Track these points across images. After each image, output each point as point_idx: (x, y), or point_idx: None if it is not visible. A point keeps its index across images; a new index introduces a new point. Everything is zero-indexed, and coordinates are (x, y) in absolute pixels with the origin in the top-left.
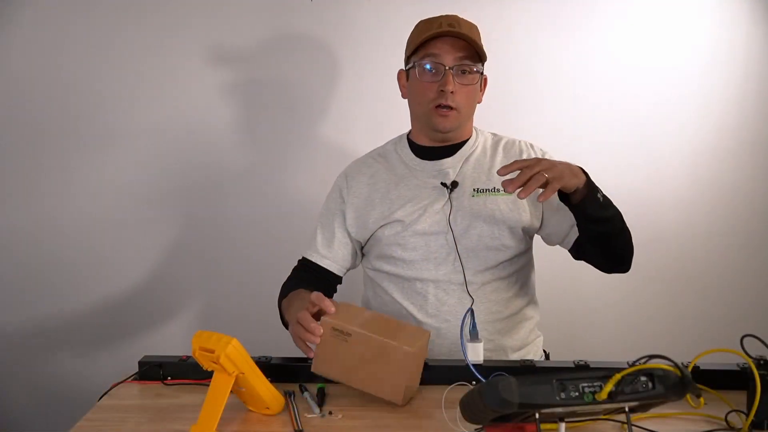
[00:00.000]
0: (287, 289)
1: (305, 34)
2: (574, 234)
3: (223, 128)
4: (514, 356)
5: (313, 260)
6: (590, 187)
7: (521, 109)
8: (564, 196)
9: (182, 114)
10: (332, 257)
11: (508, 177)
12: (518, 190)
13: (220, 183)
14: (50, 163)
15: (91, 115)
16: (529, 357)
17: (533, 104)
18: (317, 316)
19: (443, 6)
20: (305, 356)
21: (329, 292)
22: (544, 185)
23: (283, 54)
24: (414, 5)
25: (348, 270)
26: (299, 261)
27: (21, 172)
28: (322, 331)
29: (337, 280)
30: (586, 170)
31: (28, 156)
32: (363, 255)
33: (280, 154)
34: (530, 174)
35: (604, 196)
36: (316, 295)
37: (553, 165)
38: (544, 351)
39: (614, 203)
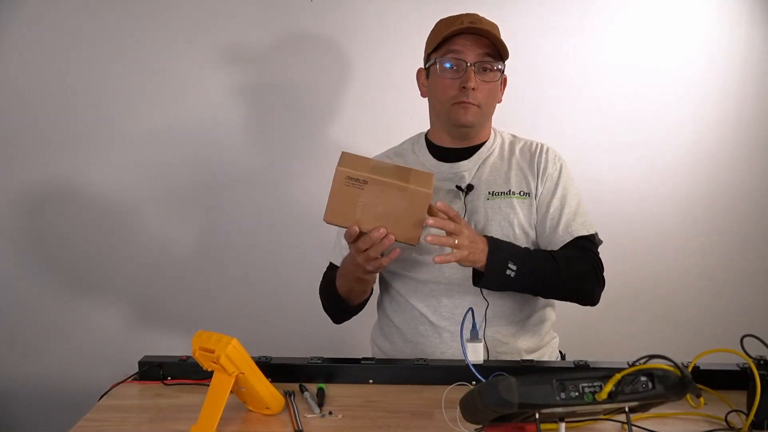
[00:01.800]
0: (326, 286)
1: (309, 35)
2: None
3: (228, 129)
4: (529, 358)
5: (339, 264)
6: (496, 266)
7: (521, 109)
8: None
9: (186, 115)
10: None
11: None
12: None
13: (223, 184)
14: (51, 164)
15: (93, 116)
16: (545, 359)
17: (533, 104)
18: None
19: (444, 6)
20: (305, 357)
21: (365, 291)
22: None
23: (288, 55)
24: (414, 5)
25: None
26: (328, 267)
27: (22, 174)
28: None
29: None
30: (505, 250)
31: (29, 157)
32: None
33: (285, 155)
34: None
35: (522, 269)
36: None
37: (470, 242)
38: (560, 352)
39: (542, 271)
